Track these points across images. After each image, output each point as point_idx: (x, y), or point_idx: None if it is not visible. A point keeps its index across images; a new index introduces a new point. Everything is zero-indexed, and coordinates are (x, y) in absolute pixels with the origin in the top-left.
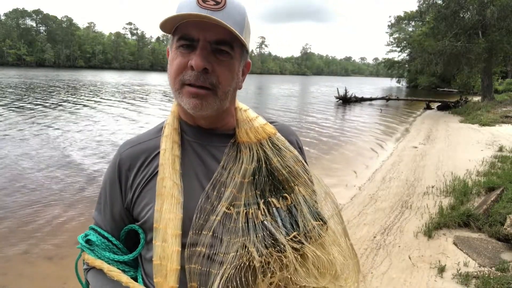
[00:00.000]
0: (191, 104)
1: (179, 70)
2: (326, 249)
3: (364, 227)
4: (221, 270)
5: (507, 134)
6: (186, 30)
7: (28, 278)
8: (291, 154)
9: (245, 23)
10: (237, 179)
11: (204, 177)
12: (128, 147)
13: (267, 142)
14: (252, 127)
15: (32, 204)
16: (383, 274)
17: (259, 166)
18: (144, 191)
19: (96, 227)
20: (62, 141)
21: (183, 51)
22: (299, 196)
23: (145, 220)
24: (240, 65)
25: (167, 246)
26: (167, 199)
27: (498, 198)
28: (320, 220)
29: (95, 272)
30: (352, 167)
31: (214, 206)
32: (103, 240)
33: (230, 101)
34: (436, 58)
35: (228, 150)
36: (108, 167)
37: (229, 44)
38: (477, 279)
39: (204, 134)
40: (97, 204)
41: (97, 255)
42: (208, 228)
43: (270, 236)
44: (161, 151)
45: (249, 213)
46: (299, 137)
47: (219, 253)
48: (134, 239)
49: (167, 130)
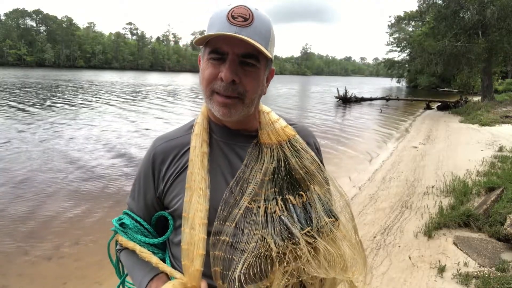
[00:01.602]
0: (220, 112)
1: (210, 79)
2: (336, 243)
3: (364, 227)
4: (242, 257)
5: (507, 134)
6: (216, 44)
7: (28, 278)
8: (308, 155)
9: (271, 36)
10: (258, 177)
11: (228, 174)
12: (161, 142)
13: (286, 143)
14: (273, 129)
15: (32, 204)
16: (383, 274)
17: (279, 166)
18: (175, 182)
19: (129, 212)
20: (66, 141)
21: (213, 63)
22: (314, 194)
23: (175, 208)
24: (265, 74)
25: (194, 233)
26: (196, 191)
27: (498, 198)
28: (332, 217)
29: (128, 252)
30: (352, 167)
31: (237, 200)
32: (135, 224)
33: (255, 106)
34: (436, 58)
35: (251, 150)
36: (142, 160)
37: (255, 57)
38: (477, 279)
39: (230, 134)
40: (131, 192)
41: (130, 237)
42: (231, 219)
43: (286, 230)
44: (191, 148)
45: (268, 208)
46: (316, 138)
47: (241, 242)
48: (163, 225)
49: (197, 128)
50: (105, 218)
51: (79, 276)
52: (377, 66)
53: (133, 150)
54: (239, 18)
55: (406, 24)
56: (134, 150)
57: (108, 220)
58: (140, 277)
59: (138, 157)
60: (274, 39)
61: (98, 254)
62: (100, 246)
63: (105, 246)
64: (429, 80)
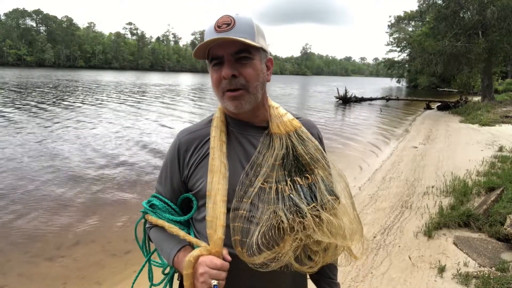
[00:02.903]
0: (232, 106)
1: (217, 82)
2: (338, 217)
3: (364, 227)
4: (257, 227)
5: (507, 134)
6: (213, 52)
7: (28, 278)
8: (312, 144)
9: (255, 30)
10: (270, 161)
11: (244, 159)
12: (185, 134)
13: (294, 133)
14: (282, 122)
15: (32, 204)
16: (383, 274)
17: (287, 152)
18: (198, 168)
19: (158, 195)
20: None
21: (216, 68)
22: (318, 176)
23: (198, 189)
24: (262, 62)
25: (217, 208)
26: (216, 174)
27: (498, 198)
28: (334, 196)
29: (157, 229)
30: (351, 167)
31: (252, 181)
32: (164, 204)
33: (262, 93)
34: (436, 58)
35: (263, 139)
36: (169, 149)
37: (246, 50)
38: (477, 279)
39: (245, 126)
40: (159, 177)
41: (159, 216)
42: (248, 197)
43: (294, 205)
44: (211, 138)
45: (279, 188)
46: (319, 130)
47: (256, 216)
48: (187, 206)
49: (215, 121)
50: (105, 218)
51: (79, 276)
52: (377, 66)
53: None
54: (223, 25)
55: (406, 24)
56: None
57: (109, 220)
58: (169, 249)
59: (141, 159)
60: (261, 32)
61: (98, 254)
62: (100, 246)
63: (105, 246)
64: (429, 80)
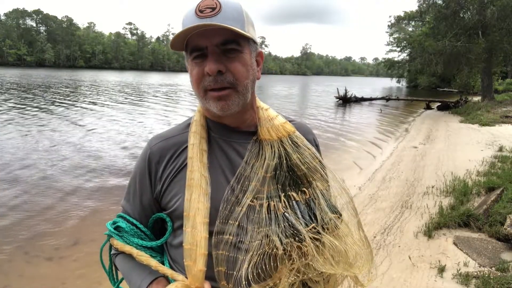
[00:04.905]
0: (218, 107)
1: (199, 79)
2: (341, 239)
3: (364, 227)
4: (247, 257)
5: (507, 134)
6: (194, 42)
7: (28, 278)
8: (309, 151)
9: (244, 18)
10: (260, 173)
11: (229, 171)
12: (157, 141)
13: (287, 139)
14: (273, 126)
15: (32, 204)
16: (383, 274)
17: (280, 162)
18: (172, 182)
19: (124, 214)
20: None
21: (197, 61)
22: (317, 190)
23: (174, 209)
24: (252, 56)
25: (196, 232)
26: (196, 189)
27: (498, 198)
28: (336, 213)
29: (124, 256)
30: (351, 167)
31: (239, 198)
32: (131, 227)
33: (251, 93)
34: (436, 58)
35: (251, 146)
36: (138, 160)
37: (235, 41)
38: (477, 279)
39: (229, 131)
40: (126, 194)
41: (126, 241)
42: (234, 218)
43: (290, 226)
44: (189, 146)
45: (271, 205)
46: (315, 135)
47: (244, 241)
48: (160, 228)
49: (194, 126)
50: (105, 218)
51: (79, 276)
52: (377, 66)
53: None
54: (206, 10)
55: (406, 24)
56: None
57: (109, 220)
58: (138, 281)
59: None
60: (250, 21)
61: (98, 254)
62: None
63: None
64: (429, 80)
